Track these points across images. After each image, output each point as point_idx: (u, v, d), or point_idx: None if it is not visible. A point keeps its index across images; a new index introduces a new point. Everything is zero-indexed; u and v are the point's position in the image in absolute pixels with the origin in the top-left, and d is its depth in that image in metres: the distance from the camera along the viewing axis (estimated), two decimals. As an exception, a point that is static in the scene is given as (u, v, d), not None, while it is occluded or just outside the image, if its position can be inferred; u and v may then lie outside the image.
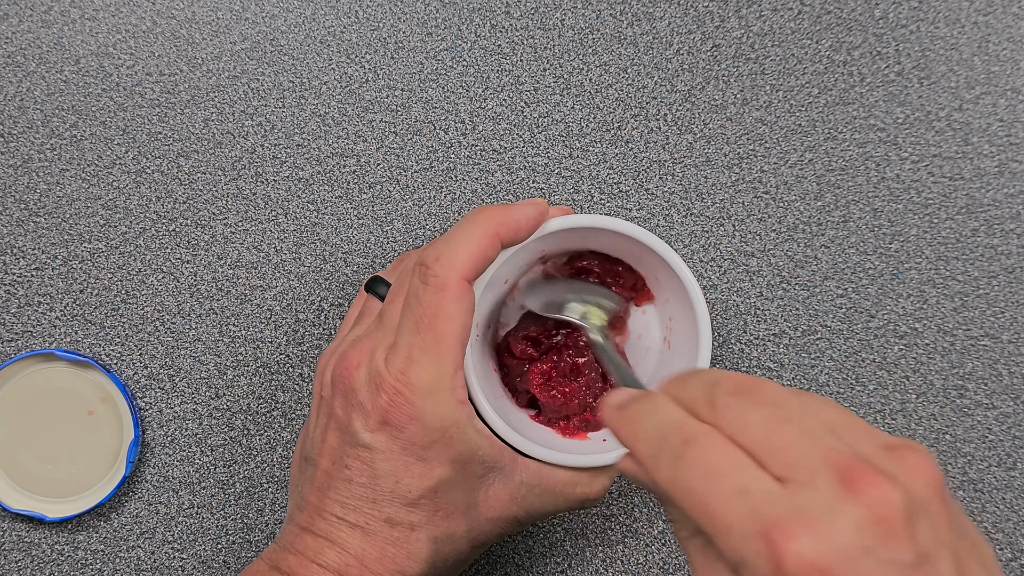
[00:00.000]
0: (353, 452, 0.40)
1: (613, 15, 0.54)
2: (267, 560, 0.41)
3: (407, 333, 0.40)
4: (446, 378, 0.39)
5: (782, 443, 0.29)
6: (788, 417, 0.29)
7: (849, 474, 0.28)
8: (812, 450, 0.28)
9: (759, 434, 0.29)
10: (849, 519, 0.27)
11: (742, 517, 0.28)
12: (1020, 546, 0.53)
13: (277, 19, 0.54)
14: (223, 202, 0.54)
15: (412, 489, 0.40)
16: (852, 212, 0.54)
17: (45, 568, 0.53)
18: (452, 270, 0.40)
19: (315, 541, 0.40)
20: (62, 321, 0.53)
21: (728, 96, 0.54)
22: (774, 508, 0.28)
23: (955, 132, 0.54)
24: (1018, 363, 0.54)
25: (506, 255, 0.43)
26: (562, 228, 0.44)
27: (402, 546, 0.40)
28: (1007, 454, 0.53)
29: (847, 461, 0.28)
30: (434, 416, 0.39)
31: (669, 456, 0.30)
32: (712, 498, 0.29)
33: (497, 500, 0.42)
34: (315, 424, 0.43)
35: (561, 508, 0.45)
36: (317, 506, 0.40)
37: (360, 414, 0.40)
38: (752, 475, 0.28)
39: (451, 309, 0.39)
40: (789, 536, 0.27)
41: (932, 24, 0.55)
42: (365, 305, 0.46)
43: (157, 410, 0.53)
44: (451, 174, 0.54)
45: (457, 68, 0.54)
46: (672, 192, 0.54)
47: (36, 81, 0.53)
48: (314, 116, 0.54)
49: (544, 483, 0.43)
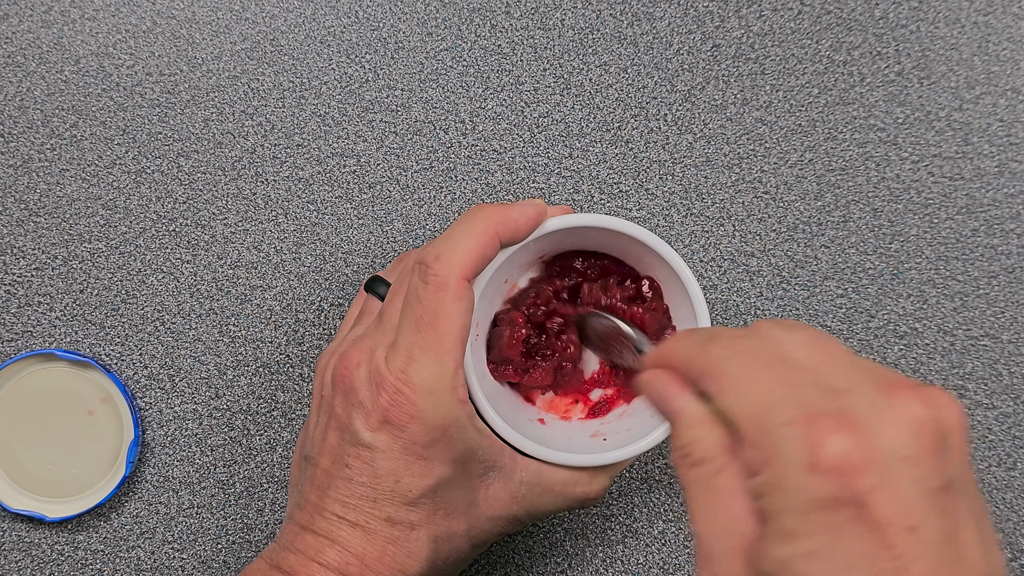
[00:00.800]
0: (354, 451, 0.40)
1: (613, 15, 0.54)
2: (267, 559, 0.41)
3: (407, 332, 0.40)
4: (447, 377, 0.39)
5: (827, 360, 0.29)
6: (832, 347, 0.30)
7: (894, 388, 0.28)
8: (854, 369, 0.29)
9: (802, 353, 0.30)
10: (891, 426, 0.27)
11: (783, 400, 0.28)
12: (1020, 546, 0.53)
13: (277, 19, 0.54)
14: (223, 202, 0.54)
15: (412, 488, 0.40)
16: (852, 212, 0.54)
17: (45, 568, 0.53)
18: (452, 269, 0.39)
19: (315, 540, 0.40)
20: (62, 321, 0.53)
21: (728, 96, 0.54)
22: (818, 401, 0.28)
23: (955, 132, 0.54)
24: (1018, 363, 0.54)
25: (505, 255, 0.43)
26: (561, 227, 0.44)
27: (402, 545, 0.40)
28: (1007, 454, 0.53)
29: (891, 379, 0.28)
30: (435, 415, 0.39)
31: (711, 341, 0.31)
32: (754, 378, 0.29)
33: (497, 499, 0.43)
34: (315, 423, 0.43)
35: (561, 507, 0.45)
36: (317, 505, 0.40)
37: (361, 413, 0.40)
38: (796, 371, 0.29)
39: (451, 308, 0.39)
40: (830, 429, 0.27)
41: (932, 24, 0.55)
42: (365, 305, 0.46)
43: (157, 410, 0.53)
44: (451, 174, 0.54)
45: (457, 68, 0.54)
46: (672, 192, 0.54)
47: (36, 81, 0.53)
48: (314, 116, 0.54)
49: (544, 482, 0.44)
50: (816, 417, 0.27)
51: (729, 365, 0.30)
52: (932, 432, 0.27)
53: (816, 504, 0.27)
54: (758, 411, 0.29)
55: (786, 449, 0.27)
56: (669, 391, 0.33)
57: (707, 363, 0.31)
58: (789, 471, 0.27)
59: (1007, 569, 0.53)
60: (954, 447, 0.28)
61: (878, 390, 0.28)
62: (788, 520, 0.27)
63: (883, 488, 0.27)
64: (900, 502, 0.27)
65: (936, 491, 0.27)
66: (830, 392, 0.28)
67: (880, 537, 0.26)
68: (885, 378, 0.29)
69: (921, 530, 0.27)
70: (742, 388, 0.29)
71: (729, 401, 0.30)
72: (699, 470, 0.30)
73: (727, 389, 0.30)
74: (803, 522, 0.27)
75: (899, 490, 0.27)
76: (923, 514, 0.27)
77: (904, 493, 0.27)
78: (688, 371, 0.32)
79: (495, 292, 0.47)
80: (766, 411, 0.28)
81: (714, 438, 0.30)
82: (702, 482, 0.30)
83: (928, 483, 0.27)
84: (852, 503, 0.27)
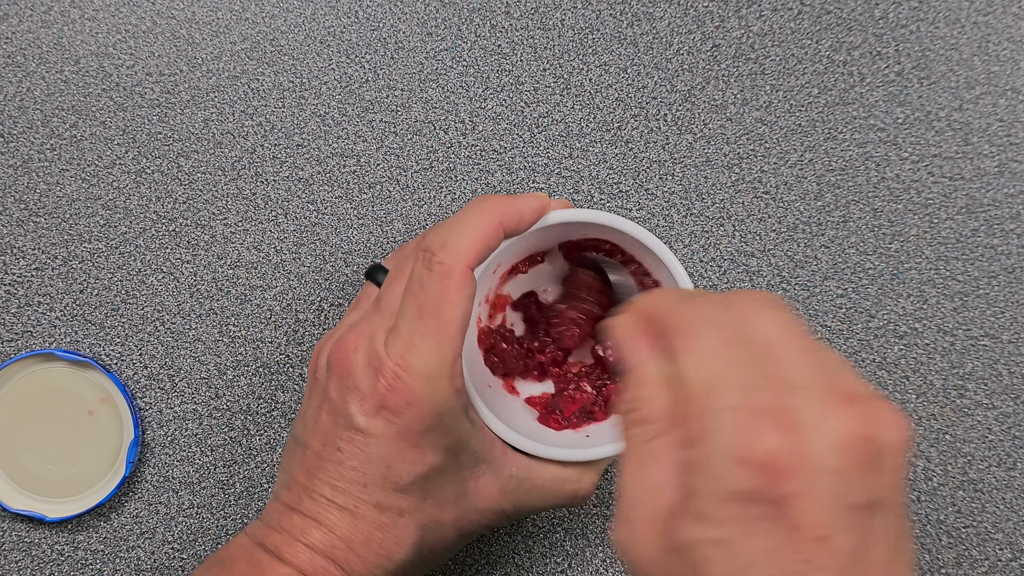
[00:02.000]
0: (347, 435, 0.40)
1: (613, 15, 0.54)
2: (251, 536, 0.41)
3: (409, 318, 0.39)
4: (446, 365, 0.39)
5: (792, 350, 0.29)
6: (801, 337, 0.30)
7: (842, 398, 0.28)
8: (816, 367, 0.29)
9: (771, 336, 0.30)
10: (826, 436, 0.27)
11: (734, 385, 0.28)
12: (1020, 546, 0.53)
13: (277, 19, 0.54)
14: (223, 202, 0.54)
15: (403, 475, 0.40)
16: (852, 212, 0.54)
17: (45, 568, 0.53)
18: (457, 258, 0.39)
19: (302, 520, 0.40)
20: (62, 321, 0.53)
21: (728, 96, 0.54)
22: (766, 394, 0.28)
23: (955, 132, 0.54)
24: (1018, 363, 0.54)
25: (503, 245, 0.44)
26: (561, 221, 0.44)
27: (390, 531, 0.40)
28: (1007, 454, 0.53)
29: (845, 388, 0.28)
30: (432, 402, 0.39)
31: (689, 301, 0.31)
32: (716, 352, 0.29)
33: (487, 492, 0.43)
34: (307, 406, 0.42)
35: (550, 504, 0.45)
36: (306, 486, 0.40)
37: (356, 397, 0.40)
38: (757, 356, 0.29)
39: (455, 296, 0.39)
40: (768, 426, 0.27)
41: (932, 24, 0.55)
42: (363, 291, 0.46)
43: (157, 410, 0.53)
44: (451, 174, 0.54)
45: (457, 68, 0.54)
46: (672, 192, 0.54)
47: (36, 81, 0.53)
48: (314, 116, 0.54)
49: (534, 478, 0.44)
50: (758, 411, 0.27)
51: (700, 330, 0.30)
52: (864, 450, 0.27)
53: (736, 495, 0.27)
54: (709, 386, 0.29)
55: (721, 433, 0.28)
56: (635, 342, 0.32)
57: (680, 320, 0.31)
58: (719, 455, 0.27)
59: (1007, 570, 0.53)
60: (887, 468, 0.28)
61: (828, 397, 0.28)
62: (706, 504, 0.27)
63: (804, 494, 0.27)
64: (817, 511, 0.27)
65: (856, 507, 0.27)
66: (783, 386, 0.28)
67: (790, 539, 0.27)
68: (840, 385, 0.28)
69: (831, 541, 0.27)
70: (703, 358, 0.29)
71: (687, 365, 0.29)
72: (639, 429, 0.30)
73: (690, 353, 0.30)
74: (720, 509, 0.27)
75: (818, 499, 0.27)
76: (837, 526, 0.27)
77: (823, 503, 0.27)
78: (660, 321, 0.32)
79: (482, 277, 0.47)
80: (716, 389, 0.28)
81: (662, 401, 0.30)
82: (639, 443, 0.30)
83: (849, 498, 0.27)
84: (771, 502, 0.27)
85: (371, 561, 0.40)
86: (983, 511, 0.53)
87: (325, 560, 0.39)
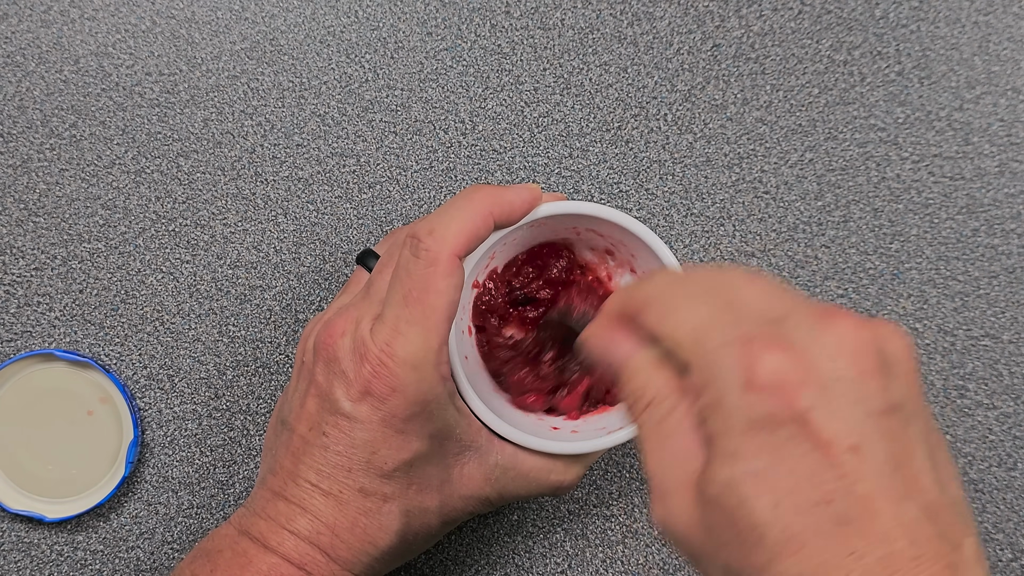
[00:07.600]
0: (332, 420, 0.40)
1: (613, 15, 0.54)
2: (236, 524, 0.41)
3: (395, 305, 0.39)
4: (431, 352, 0.39)
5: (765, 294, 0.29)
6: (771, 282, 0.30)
7: (832, 315, 0.28)
8: (795, 302, 0.29)
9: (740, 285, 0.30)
10: (827, 347, 0.27)
11: (722, 324, 0.28)
12: (1020, 546, 0.53)
13: (277, 19, 0.54)
14: (223, 202, 0.54)
15: (388, 461, 0.40)
16: (852, 212, 0.54)
17: (45, 568, 0.53)
18: (444, 245, 0.39)
19: (287, 507, 0.40)
20: (62, 321, 0.53)
21: (728, 96, 0.54)
22: (756, 326, 0.28)
23: (955, 132, 0.54)
24: (1018, 363, 0.54)
25: (495, 237, 0.43)
26: (552, 214, 0.44)
27: (374, 517, 0.40)
28: (1007, 454, 0.53)
29: (831, 309, 0.28)
30: (417, 390, 0.39)
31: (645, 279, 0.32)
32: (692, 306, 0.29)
33: (471, 479, 0.43)
34: (294, 389, 0.42)
35: (534, 493, 0.45)
36: (292, 471, 0.40)
37: (342, 382, 0.40)
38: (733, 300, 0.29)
39: (441, 284, 0.39)
40: (766, 348, 0.27)
41: (932, 24, 0.55)
42: (353, 275, 0.46)
43: (157, 410, 0.53)
44: (451, 174, 0.54)
45: (457, 68, 0.54)
46: (672, 192, 0.54)
47: (36, 81, 0.53)
48: (314, 116, 0.54)
49: (519, 467, 0.44)
50: (752, 338, 0.27)
51: (667, 294, 0.30)
52: (871, 355, 0.27)
53: (756, 423, 0.27)
54: (698, 334, 0.29)
55: (723, 368, 0.27)
56: (613, 340, 0.32)
57: (644, 296, 0.31)
58: (727, 390, 0.27)
59: (1008, 570, 0.53)
60: (900, 373, 0.28)
61: (816, 317, 0.28)
62: (730, 441, 0.27)
63: (821, 407, 0.26)
64: (839, 421, 0.26)
65: (879, 413, 0.27)
66: (767, 320, 0.28)
67: (823, 455, 0.26)
68: (825, 308, 0.28)
69: (864, 450, 0.26)
70: (682, 314, 0.29)
71: (669, 327, 0.29)
72: (650, 411, 0.30)
73: (667, 315, 0.30)
74: (745, 442, 0.27)
75: (838, 409, 0.26)
76: (864, 434, 0.26)
77: (844, 412, 0.26)
78: (628, 309, 0.32)
79: (475, 267, 0.47)
80: (705, 333, 0.28)
81: (662, 378, 0.30)
82: (653, 423, 0.30)
83: (869, 404, 0.27)
84: (792, 421, 0.26)
85: (356, 547, 0.40)
86: (983, 511, 0.53)
87: (310, 547, 0.39)
